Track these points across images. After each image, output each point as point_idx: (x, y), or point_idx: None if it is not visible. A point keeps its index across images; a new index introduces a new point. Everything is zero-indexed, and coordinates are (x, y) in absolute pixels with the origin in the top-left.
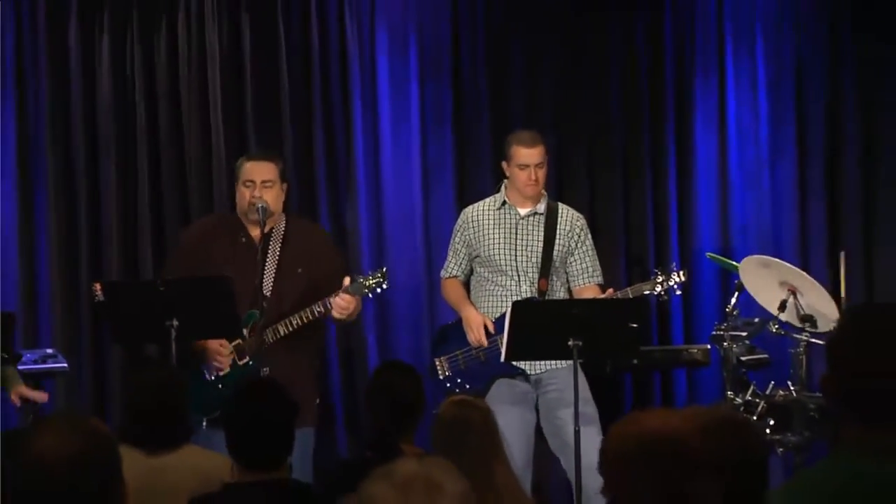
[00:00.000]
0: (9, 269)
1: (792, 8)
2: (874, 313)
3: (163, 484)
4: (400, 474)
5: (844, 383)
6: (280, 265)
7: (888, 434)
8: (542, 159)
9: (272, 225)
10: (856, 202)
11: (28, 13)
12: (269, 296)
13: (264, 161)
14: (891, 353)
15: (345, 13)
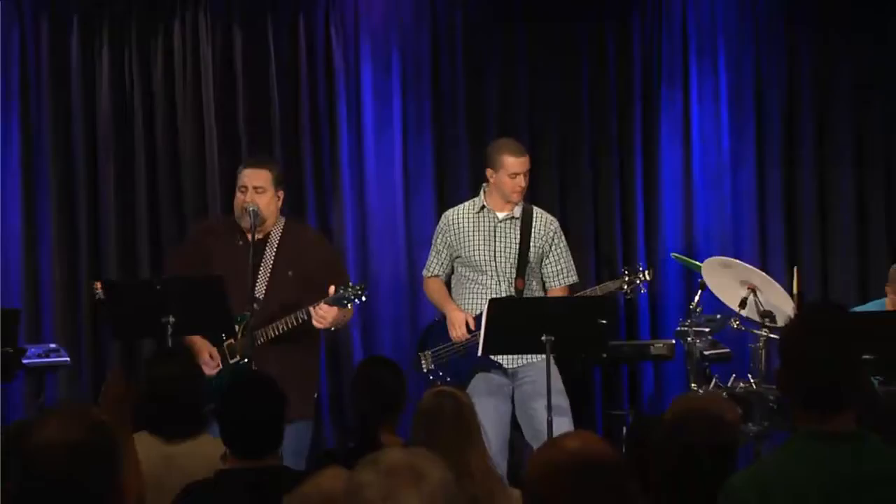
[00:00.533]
0: (13, 269)
1: (752, 24)
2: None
3: (177, 470)
4: (386, 462)
5: (795, 377)
6: (273, 269)
7: (835, 421)
8: (528, 168)
9: (269, 229)
10: (811, 206)
11: (32, 26)
12: (261, 298)
13: (258, 168)
14: (834, 349)
15: (330, 28)
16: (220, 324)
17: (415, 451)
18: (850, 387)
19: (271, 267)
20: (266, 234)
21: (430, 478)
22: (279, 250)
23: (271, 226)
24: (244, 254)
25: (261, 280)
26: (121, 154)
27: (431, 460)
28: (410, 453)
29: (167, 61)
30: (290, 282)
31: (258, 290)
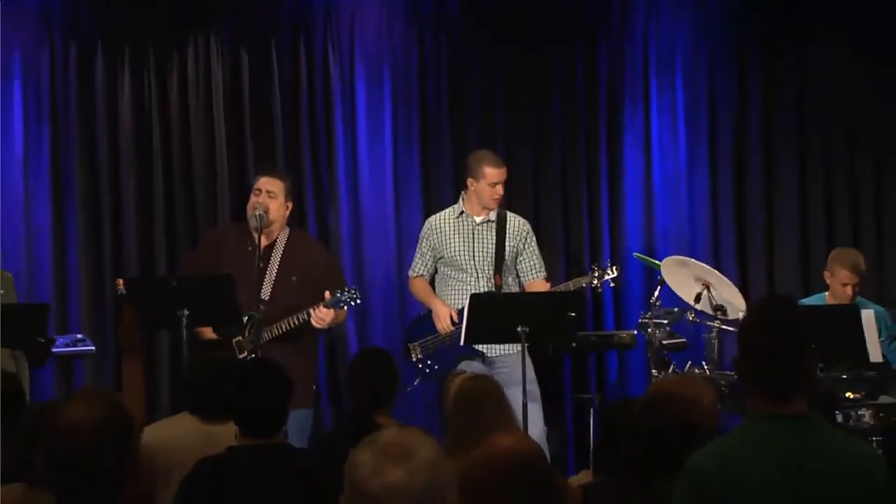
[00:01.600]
0: (44, 268)
1: (706, 46)
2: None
3: (216, 447)
4: (380, 442)
5: (753, 367)
6: (278, 274)
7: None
8: (505, 178)
9: (276, 236)
10: (758, 209)
11: (60, 49)
12: (267, 300)
13: (274, 177)
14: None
15: (328, 50)
16: (228, 317)
17: (410, 432)
18: (803, 376)
19: (276, 272)
20: (273, 241)
21: (418, 455)
22: (284, 257)
23: (277, 231)
24: (253, 258)
25: (266, 283)
26: (140, 165)
27: (422, 440)
28: (404, 433)
29: (182, 81)
30: (293, 286)
31: (264, 292)
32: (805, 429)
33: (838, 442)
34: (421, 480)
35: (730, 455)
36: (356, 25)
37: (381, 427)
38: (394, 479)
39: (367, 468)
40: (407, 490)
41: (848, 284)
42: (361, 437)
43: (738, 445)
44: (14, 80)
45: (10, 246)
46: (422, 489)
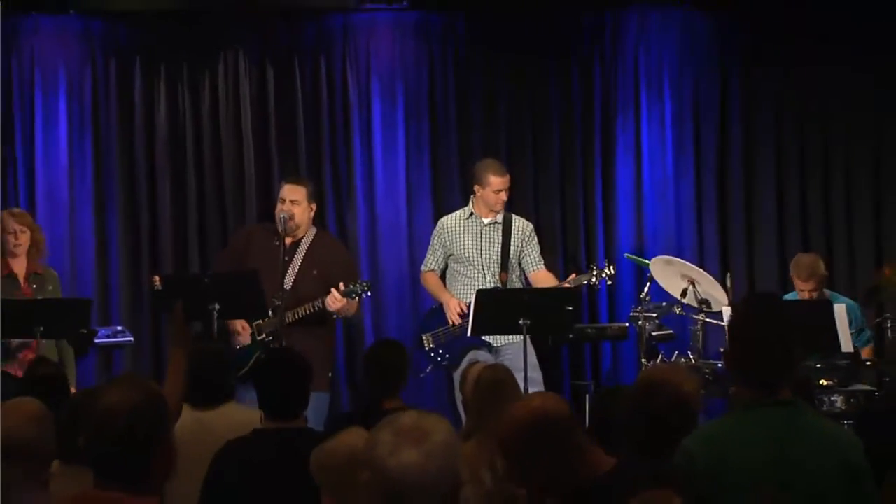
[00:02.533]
0: (87, 265)
1: (691, 62)
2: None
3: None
4: (399, 423)
5: (742, 358)
6: (301, 267)
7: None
8: (508, 184)
9: (301, 235)
10: (739, 212)
11: (102, 65)
12: (289, 289)
13: (295, 185)
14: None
15: (346, 68)
16: (256, 310)
17: (426, 415)
18: (789, 366)
19: (300, 265)
20: (298, 238)
21: (433, 438)
22: (308, 253)
23: (304, 232)
24: (279, 252)
25: (290, 274)
26: (175, 171)
27: (438, 423)
28: (421, 416)
29: (213, 95)
30: (313, 279)
31: (286, 282)
32: (791, 414)
33: (820, 426)
34: (435, 461)
35: (720, 439)
36: (371, 46)
37: (391, 410)
38: (409, 459)
39: (385, 448)
40: (422, 469)
41: (804, 291)
42: (374, 419)
43: (729, 430)
44: (59, 95)
45: (56, 246)
46: (435, 469)
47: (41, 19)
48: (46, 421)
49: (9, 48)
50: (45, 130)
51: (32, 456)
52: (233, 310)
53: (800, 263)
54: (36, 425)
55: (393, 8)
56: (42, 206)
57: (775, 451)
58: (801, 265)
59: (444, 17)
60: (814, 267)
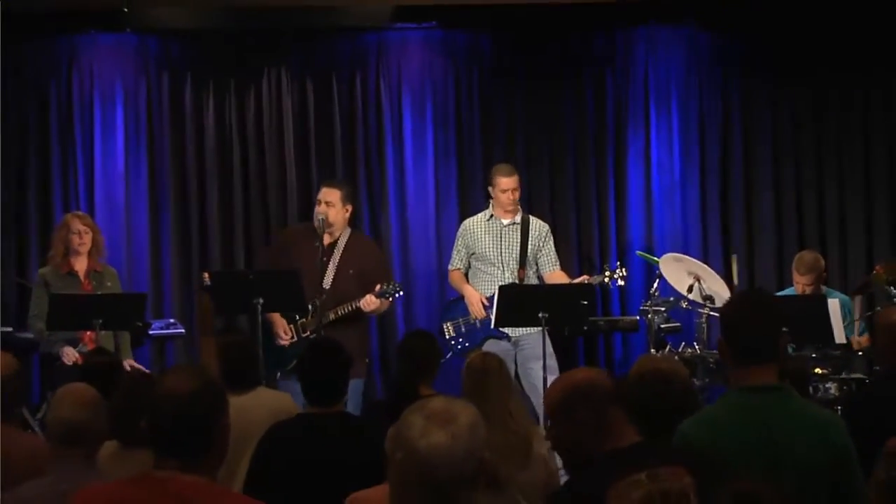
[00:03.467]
0: (142, 263)
1: (696, 79)
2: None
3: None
4: (428, 408)
5: (732, 337)
6: (338, 267)
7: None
8: (517, 185)
9: (338, 235)
10: (740, 215)
11: (155, 80)
12: (328, 288)
13: (331, 188)
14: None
15: (380, 82)
16: (296, 305)
17: (453, 400)
18: (772, 345)
19: (337, 265)
20: (335, 239)
21: (459, 421)
22: (344, 253)
23: (339, 232)
24: (317, 253)
25: (328, 274)
26: (222, 176)
27: (464, 408)
28: (449, 401)
29: (257, 107)
30: (350, 277)
31: (325, 281)
32: (778, 399)
33: (806, 409)
34: (461, 443)
35: (714, 423)
36: (403, 62)
37: (423, 396)
38: (437, 440)
39: (415, 430)
40: (449, 450)
41: (801, 284)
42: (406, 405)
43: (721, 415)
44: (116, 106)
45: (115, 245)
46: (461, 450)
47: (100, 37)
48: (98, 405)
49: (70, 63)
50: (103, 139)
51: (84, 437)
52: (275, 304)
53: (802, 260)
54: (87, 409)
55: (423, 27)
56: (100, 208)
57: (764, 433)
58: (802, 261)
59: (469, 36)
60: (814, 263)
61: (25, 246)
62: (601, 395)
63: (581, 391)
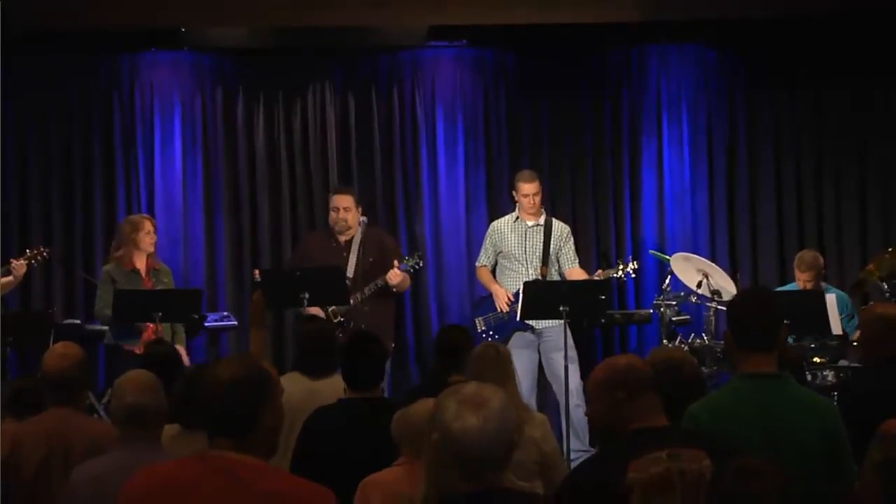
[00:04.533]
0: (198, 261)
1: (704, 92)
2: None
3: (319, 399)
4: (462, 392)
5: (737, 327)
6: (359, 257)
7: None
8: (537, 190)
9: (353, 233)
10: (745, 217)
11: (210, 94)
12: (352, 276)
13: (344, 194)
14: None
15: (416, 96)
16: (340, 298)
17: (485, 386)
18: (773, 337)
19: (358, 255)
20: (351, 236)
21: (490, 405)
22: (361, 246)
23: (354, 231)
24: (337, 251)
25: (351, 264)
26: (271, 182)
27: (495, 393)
28: (481, 387)
29: (303, 118)
30: (371, 264)
31: (349, 271)
32: (778, 385)
33: (803, 395)
34: (492, 426)
35: (720, 406)
36: (436, 77)
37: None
38: (469, 423)
39: (450, 413)
40: (479, 432)
41: (802, 280)
42: (438, 391)
43: (727, 399)
44: (174, 118)
45: (173, 245)
46: (492, 432)
47: (159, 54)
48: (157, 390)
49: (132, 78)
50: (162, 148)
51: (146, 419)
52: (320, 298)
53: (803, 258)
54: (148, 393)
55: (454, 45)
56: (160, 211)
57: (765, 417)
58: (803, 260)
59: (496, 54)
60: (813, 262)
61: (91, 245)
62: (638, 379)
63: (620, 374)
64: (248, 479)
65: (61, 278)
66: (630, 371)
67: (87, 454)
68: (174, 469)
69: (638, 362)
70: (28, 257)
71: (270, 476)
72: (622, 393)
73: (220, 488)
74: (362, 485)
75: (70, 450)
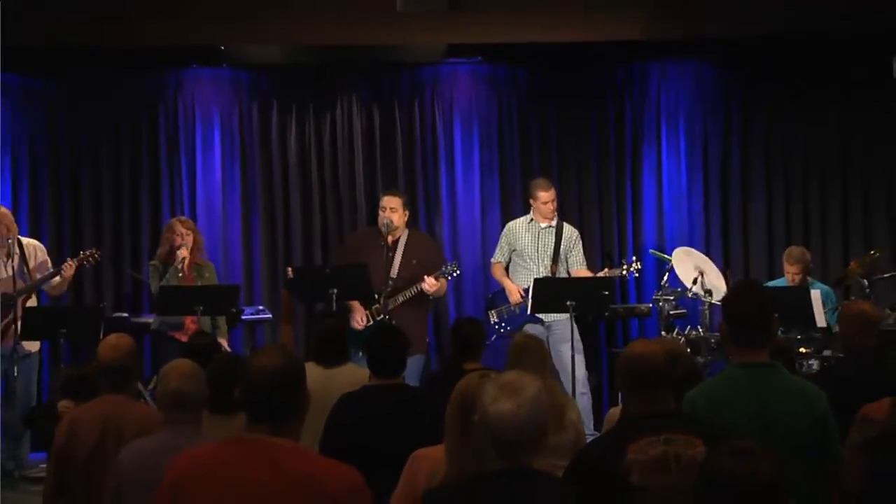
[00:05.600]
0: (236, 260)
1: (701, 104)
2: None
3: (333, 386)
4: (501, 379)
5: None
6: (402, 259)
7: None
8: (554, 197)
9: (399, 234)
10: (737, 219)
11: (247, 107)
12: (395, 277)
13: (393, 196)
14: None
15: (435, 108)
16: (364, 294)
17: (524, 375)
18: (765, 329)
19: (401, 257)
20: (397, 238)
21: (525, 392)
22: (406, 248)
23: (400, 233)
24: (383, 251)
25: (395, 266)
26: (303, 187)
27: (531, 380)
28: (520, 375)
29: (332, 129)
30: (414, 266)
31: (393, 272)
32: (769, 373)
33: (793, 383)
34: (524, 411)
35: (715, 393)
36: (454, 91)
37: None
38: (504, 407)
39: (488, 397)
40: (513, 416)
41: (791, 273)
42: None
43: (721, 386)
44: (214, 128)
45: (213, 244)
46: (525, 417)
47: (201, 71)
48: (199, 377)
49: (176, 92)
50: (203, 156)
51: (189, 404)
52: (347, 294)
53: (792, 253)
54: (191, 380)
55: (471, 62)
56: (201, 213)
57: (757, 403)
58: (792, 254)
59: (509, 70)
60: (801, 256)
61: (138, 245)
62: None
63: (638, 360)
64: (283, 459)
65: (111, 275)
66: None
67: (136, 435)
68: (215, 451)
69: (648, 345)
70: (81, 258)
71: (303, 457)
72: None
73: (259, 468)
74: (413, 457)
75: (121, 432)
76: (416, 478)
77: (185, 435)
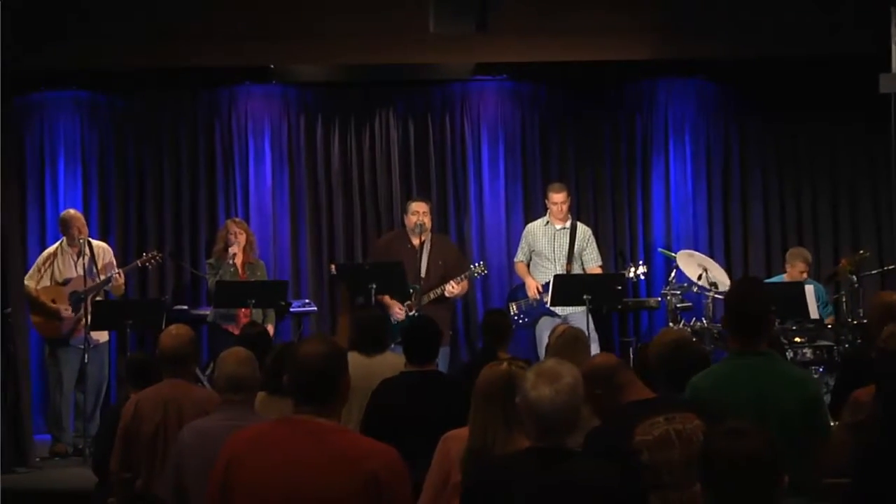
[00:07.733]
0: (284, 258)
1: (704, 117)
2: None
3: (373, 374)
4: (541, 367)
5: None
6: (429, 260)
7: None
8: (565, 199)
9: (425, 237)
10: (738, 221)
11: (294, 121)
12: (424, 277)
13: (422, 202)
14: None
15: (464, 121)
16: (400, 289)
17: (563, 363)
18: (763, 320)
19: (428, 259)
20: (423, 240)
21: (563, 379)
22: (431, 250)
23: (426, 236)
24: (413, 252)
25: (423, 266)
26: (345, 192)
27: (569, 369)
28: (559, 363)
29: (371, 140)
30: (440, 267)
31: (423, 271)
32: (766, 361)
33: (788, 370)
34: (562, 396)
35: (717, 379)
36: (481, 105)
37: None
38: (543, 392)
39: (529, 382)
40: (552, 401)
41: (797, 271)
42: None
43: (723, 372)
44: (265, 139)
45: (264, 243)
46: (562, 402)
47: (252, 87)
48: (252, 363)
49: (230, 106)
50: (255, 164)
51: (243, 387)
52: (385, 288)
53: (794, 253)
54: (245, 365)
55: (497, 79)
56: (254, 216)
57: (755, 388)
58: (794, 254)
59: (531, 86)
60: (804, 255)
61: (196, 244)
62: (606, 371)
63: (592, 371)
64: (327, 438)
65: (172, 271)
66: (596, 367)
67: (195, 416)
68: (266, 430)
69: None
70: (144, 259)
71: (345, 436)
72: (598, 382)
73: (306, 446)
74: (444, 438)
75: (182, 412)
76: (448, 457)
77: (240, 415)
